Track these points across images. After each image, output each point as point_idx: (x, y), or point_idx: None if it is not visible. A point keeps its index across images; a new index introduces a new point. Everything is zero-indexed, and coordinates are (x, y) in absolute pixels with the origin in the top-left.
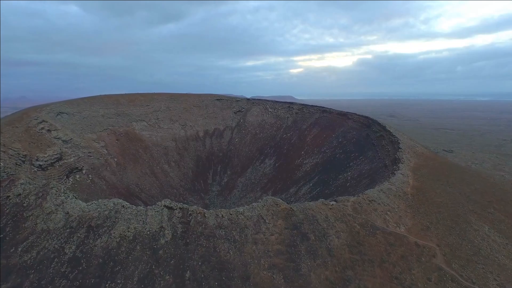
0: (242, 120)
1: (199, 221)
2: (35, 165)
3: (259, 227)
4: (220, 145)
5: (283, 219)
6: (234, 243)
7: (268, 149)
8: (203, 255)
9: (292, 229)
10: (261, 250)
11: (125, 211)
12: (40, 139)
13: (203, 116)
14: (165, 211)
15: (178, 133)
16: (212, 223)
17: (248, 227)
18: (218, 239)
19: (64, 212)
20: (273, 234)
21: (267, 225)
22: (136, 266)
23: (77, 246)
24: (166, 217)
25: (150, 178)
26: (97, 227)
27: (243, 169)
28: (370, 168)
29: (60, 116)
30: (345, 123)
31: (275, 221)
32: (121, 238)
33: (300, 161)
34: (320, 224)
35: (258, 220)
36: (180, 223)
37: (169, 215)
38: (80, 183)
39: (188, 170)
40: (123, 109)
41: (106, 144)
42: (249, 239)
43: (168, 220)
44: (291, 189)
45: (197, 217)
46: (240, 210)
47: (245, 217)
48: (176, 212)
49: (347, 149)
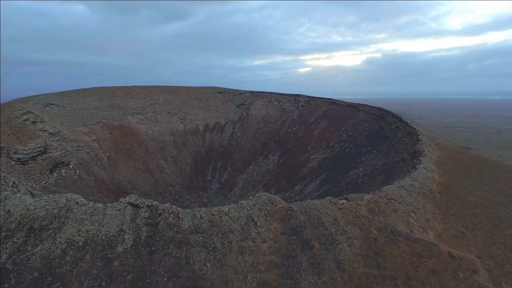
0: (245, 114)
1: (170, 223)
2: (13, 159)
3: (248, 231)
4: (221, 140)
5: (280, 221)
6: (213, 252)
7: (272, 144)
8: (171, 269)
9: (290, 235)
10: (249, 263)
11: (78, 209)
12: (22, 131)
13: (203, 110)
14: (129, 209)
15: (176, 127)
16: (187, 226)
17: (233, 231)
18: (192, 247)
19: (4, 211)
20: (266, 241)
21: (259, 229)
22: (81, 282)
23: (10, 255)
24: (128, 218)
25: (144, 174)
26: (40, 230)
27: (244, 165)
28: (385, 163)
29: (48, 107)
30: (355, 116)
31: (269, 224)
32: (68, 244)
33: (306, 157)
34: (327, 229)
35: (247, 222)
36: (146, 225)
37: (133, 214)
38: (65, 179)
39: (185, 166)
40: (118, 102)
41: (98, 138)
42: (233, 248)
43: (130, 221)
44: (296, 186)
45: (169, 217)
46: (224, 210)
47: (230, 219)
48: (142, 211)
49: (358, 143)
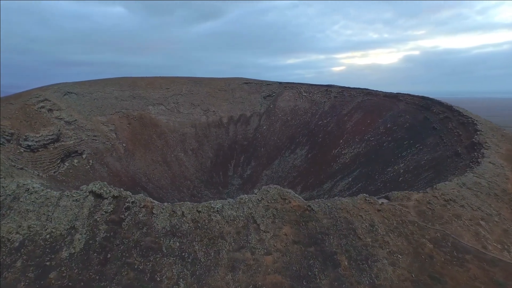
0: (272, 106)
1: (139, 221)
2: (22, 145)
3: (246, 238)
4: (246, 133)
5: (293, 225)
6: (192, 265)
7: (300, 137)
8: (128, 286)
9: (307, 245)
10: (243, 284)
11: (27, 198)
12: (36, 118)
13: (228, 101)
14: (89, 200)
15: (199, 118)
16: (161, 226)
17: (225, 236)
18: (164, 257)
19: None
20: (271, 253)
21: (262, 235)
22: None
23: None
24: (86, 211)
25: (162, 167)
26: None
27: (269, 160)
28: (433, 158)
29: (67, 96)
30: (394, 106)
31: (278, 229)
32: (2, 244)
33: (338, 152)
34: (360, 238)
35: (247, 225)
36: (107, 223)
37: (92, 207)
38: (77, 169)
39: (206, 159)
40: (139, 92)
41: (115, 128)
42: (222, 260)
43: (87, 217)
44: (325, 184)
45: (139, 213)
46: (216, 206)
47: (223, 219)
48: (105, 204)
49: (397, 136)
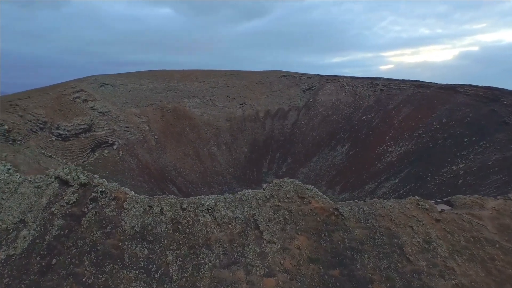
0: (312, 100)
1: (104, 217)
2: (54, 134)
3: (242, 249)
4: (283, 127)
5: (311, 235)
6: (159, 285)
7: (342, 133)
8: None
9: (328, 265)
10: None
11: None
12: (70, 107)
13: (265, 95)
14: (53, 187)
15: (234, 112)
16: (129, 225)
17: (212, 245)
18: (122, 269)
19: None
20: (274, 275)
21: (265, 247)
22: None
23: None
24: (45, 201)
25: (193, 161)
26: None
27: (307, 157)
28: (504, 157)
29: (103, 87)
30: (451, 99)
31: (289, 239)
32: None
33: (383, 149)
34: (409, 260)
35: (245, 230)
36: (65, 217)
37: (54, 196)
38: (106, 159)
39: (240, 155)
40: (174, 84)
41: (148, 120)
42: (202, 281)
43: (44, 208)
44: (368, 185)
45: (106, 206)
46: (206, 203)
47: (213, 221)
48: (69, 192)
49: (455, 132)
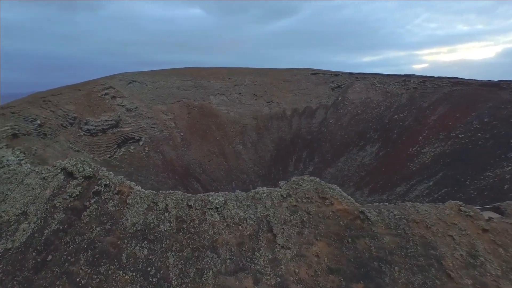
0: (341, 98)
1: (106, 212)
2: (82, 129)
3: (252, 254)
4: (310, 126)
5: (332, 241)
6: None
7: (372, 133)
8: None
9: (351, 278)
10: None
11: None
12: (99, 104)
13: (293, 93)
14: (58, 179)
15: (261, 110)
16: (131, 222)
17: (219, 248)
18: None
19: None
20: (287, 285)
21: (278, 253)
22: None
23: None
24: (48, 193)
25: (218, 158)
26: None
27: (335, 157)
28: None
29: (131, 84)
30: (494, 97)
31: (306, 245)
32: None
33: (416, 150)
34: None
35: (257, 233)
36: (66, 211)
37: (57, 188)
38: (132, 155)
39: (266, 153)
40: (201, 82)
41: (175, 117)
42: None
43: (47, 200)
44: (399, 187)
45: (109, 201)
46: (216, 201)
47: (222, 221)
48: (73, 185)
49: (499, 133)
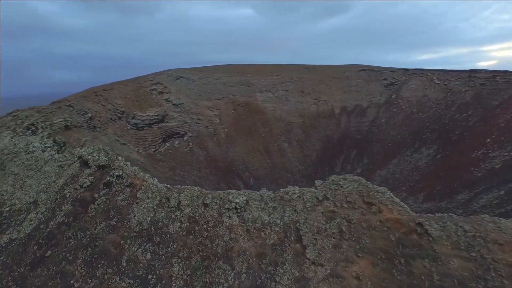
0: (394, 96)
1: (114, 207)
2: (129, 123)
3: (274, 269)
4: (360, 125)
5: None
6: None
7: (428, 134)
8: None
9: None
10: None
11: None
12: (146, 99)
13: (342, 90)
14: (74, 168)
15: (308, 108)
16: (137, 219)
17: (233, 259)
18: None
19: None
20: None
21: (307, 271)
22: None
23: None
24: (62, 182)
25: (262, 156)
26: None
27: (386, 158)
28: None
29: (179, 80)
30: None
31: (344, 262)
32: None
33: (483, 154)
34: None
35: (282, 242)
36: (74, 202)
37: (71, 177)
38: (176, 150)
39: (312, 152)
40: (248, 78)
41: (220, 113)
42: None
43: (59, 190)
44: (460, 195)
45: (119, 194)
46: (236, 200)
47: (242, 225)
48: (86, 174)
49: None
